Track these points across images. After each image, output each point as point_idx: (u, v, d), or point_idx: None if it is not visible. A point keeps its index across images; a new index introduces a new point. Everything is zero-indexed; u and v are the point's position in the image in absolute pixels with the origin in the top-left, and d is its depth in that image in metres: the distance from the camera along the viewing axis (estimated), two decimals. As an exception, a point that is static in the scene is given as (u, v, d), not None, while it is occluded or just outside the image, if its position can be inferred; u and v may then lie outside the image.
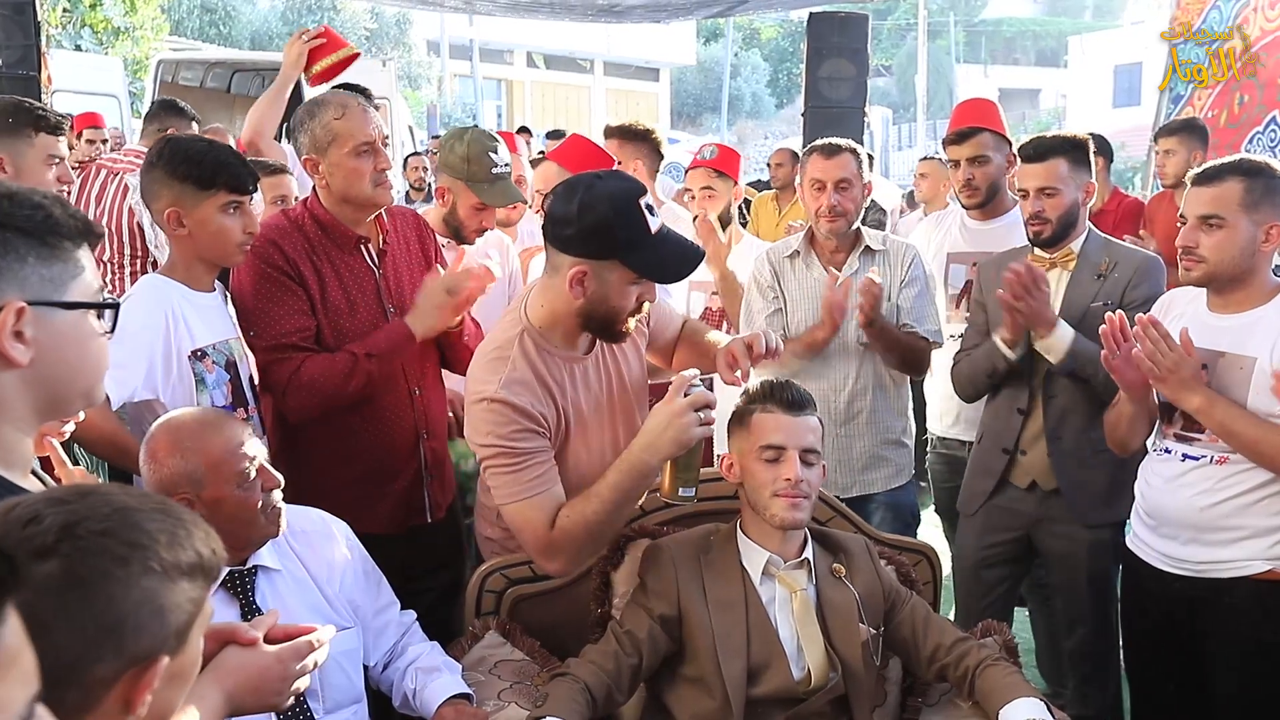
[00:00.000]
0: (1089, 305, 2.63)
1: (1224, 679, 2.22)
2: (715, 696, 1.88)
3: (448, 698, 1.91)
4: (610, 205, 1.87)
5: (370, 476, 2.36)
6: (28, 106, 2.83)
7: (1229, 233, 2.11)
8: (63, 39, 12.73)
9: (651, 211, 1.89)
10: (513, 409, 1.90)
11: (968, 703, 1.97)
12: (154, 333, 2.09)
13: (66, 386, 1.13)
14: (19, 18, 6.14)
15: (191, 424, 1.77)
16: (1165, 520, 2.25)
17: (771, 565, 1.96)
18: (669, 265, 1.95)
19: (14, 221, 1.07)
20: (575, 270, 1.89)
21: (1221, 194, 2.12)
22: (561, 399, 2.00)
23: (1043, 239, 2.70)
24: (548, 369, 1.98)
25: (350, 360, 2.26)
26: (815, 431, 1.98)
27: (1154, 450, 2.31)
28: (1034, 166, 2.69)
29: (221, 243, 2.18)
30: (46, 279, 1.09)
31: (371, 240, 2.40)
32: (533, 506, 1.91)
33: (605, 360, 2.10)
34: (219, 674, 1.27)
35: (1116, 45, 26.45)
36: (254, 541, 1.81)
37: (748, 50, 35.56)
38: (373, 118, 2.34)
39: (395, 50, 23.28)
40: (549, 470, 1.94)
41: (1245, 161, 2.17)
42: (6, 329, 1.05)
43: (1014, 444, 2.74)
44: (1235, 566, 2.16)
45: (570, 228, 1.89)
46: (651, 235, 1.89)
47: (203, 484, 1.72)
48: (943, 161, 5.74)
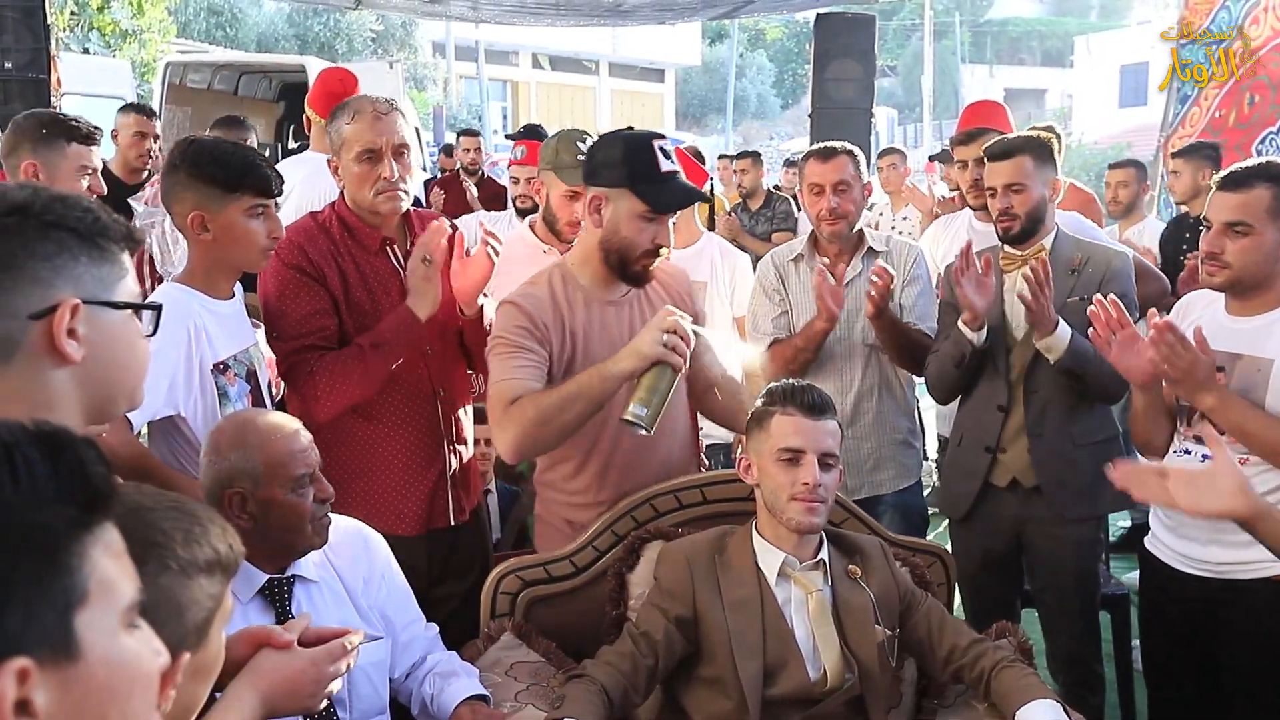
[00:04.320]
0: (1065, 301, 2.63)
1: (1242, 679, 2.22)
2: (731, 697, 1.89)
3: (464, 699, 1.91)
4: (625, 141, 2.15)
5: (394, 479, 2.36)
6: (61, 118, 2.85)
7: (1255, 240, 2.10)
8: (71, 42, 12.77)
9: (667, 155, 2.10)
10: (519, 310, 2.13)
11: (984, 704, 1.97)
12: (175, 349, 2.04)
13: (114, 386, 1.15)
14: (28, 21, 6.17)
15: (260, 423, 1.81)
16: (1185, 521, 2.24)
17: (787, 566, 1.96)
18: (672, 198, 2.13)
19: (67, 223, 1.09)
20: (593, 197, 2.15)
21: (1249, 201, 2.11)
22: (571, 322, 2.17)
23: (1011, 235, 2.70)
24: (566, 297, 2.18)
25: (358, 353, 2.25)
26: (834, 436, 1.98)
27: (1174, 452, 2.30)
28: (1000, 164, 2.70)
29: (246, 247, 2.12)
30: (98, 279, 1.11)
31: (398, 242, 2.39)
32: (506, 387, 2.08)
33: (632, 312, 2.23)
34: (254, 677, 1.28)
35: (1123, 45, 26.39)
36: (298, 550, 1.81)
37: (753, 51, 35.56)
38: (384, 125, 2.28)
39: (401, 52, 23.31)
40: (533, 368, 2.10)
41: (1274, 166, 2.16)
42: (63, 325, 1.06)
43: (995, 442, 2.72)
44: (1255, 568, 2.14)
45: (593, 160, 2.18)
46: (660, 172, 2.10)
47: (259, 482, 1.73)
48: (948, 161, 5.80)
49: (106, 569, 0.72)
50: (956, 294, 2.62)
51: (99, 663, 0.70)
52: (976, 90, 33.32)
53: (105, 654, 0.71)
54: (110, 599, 0.72)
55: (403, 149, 2.31)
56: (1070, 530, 2.69)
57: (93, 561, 0.71)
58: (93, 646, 0.70)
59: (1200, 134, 5.14)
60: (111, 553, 0.73)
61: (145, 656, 0.75)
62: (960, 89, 31.44)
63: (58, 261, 1.08)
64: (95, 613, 0.71)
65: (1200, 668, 2.29)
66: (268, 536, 1.76)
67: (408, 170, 2.33)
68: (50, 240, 1.07)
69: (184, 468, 2.10)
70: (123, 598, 0.74)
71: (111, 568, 0.73)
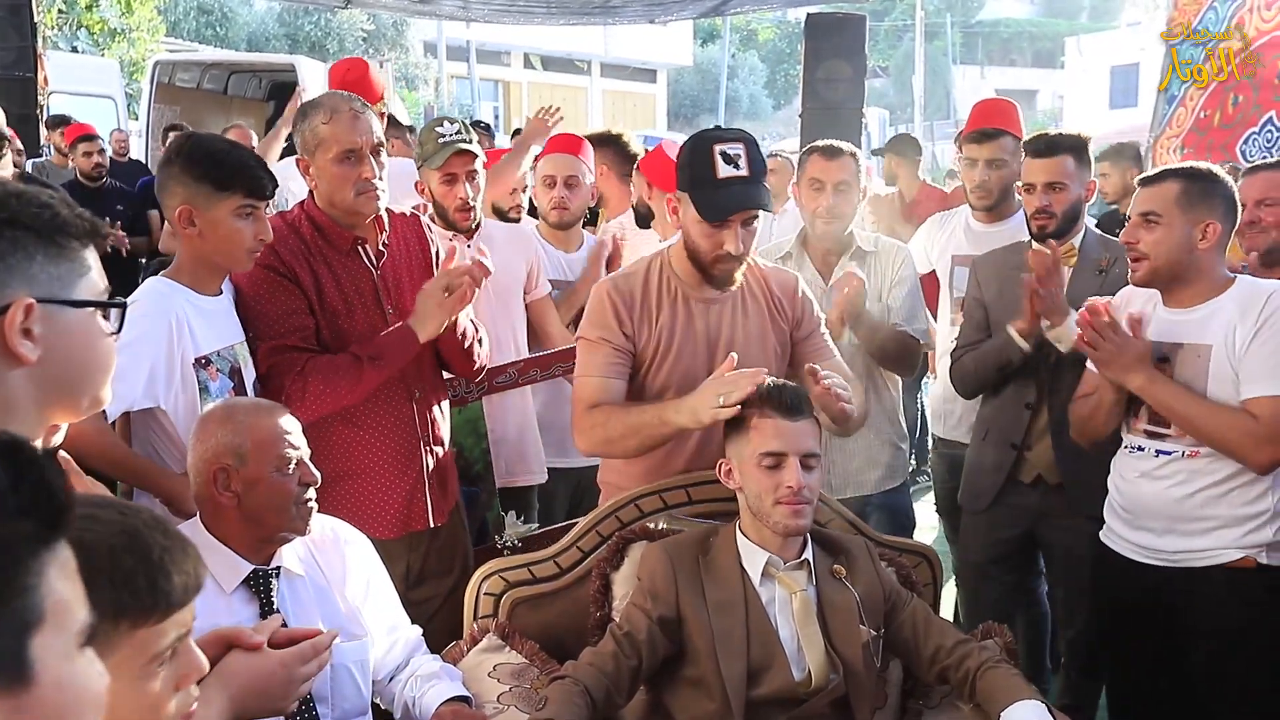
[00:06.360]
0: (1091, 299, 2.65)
1: (1200, 665, 2.25)
2: (715, 698, 1.88)
3: (446, 700, 1.90)
4: (691, 143, 2.16)
5: (373, 482, 2.35)
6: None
7: (1165, 229, 2.20)
8: (59, 40, 12.72)
9: (729, 160, 2.06)
10: (609, 300, 2.19)
11: (969, 705, 1.97)
12: (156, 341, 2.04)
13: (74, 386, 1.13)
14: (15, 19, 6.13)
15: (248, 404, 1.89)
16: (1141, 512, 2.30)
17: (771, 566, 1.96)
18: (724, 205, 2.08)
19: (22, 219, 1.06)
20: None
21: (1159, 192, 2.23)
22: (661, 317, 2.20)
23: (1047, 233, 2.73)
24: (660, 290, 2.21)
25: (354, 362, 2.24)
26: (814, 435, 1.96)
27: (1126, 448, 2.35)
28: (1043, 161, 2.73)
29: (231, 247, 2.12)
30: (54, 277, 1.08)
31: (370, 242, 2.38)
32: (588, 387, 2.17)
33: (726, 311, 2.23)
34: (224, 678, 1.27)
35: (1113, 46, 26.47)
36: (281, 534, 1.81)
37: (745, 51, 35.56)
38: (363, 124, 2.27)
39: (392, 52, 23.24)
40: (616, 366, 2.17)
41: (1188, 167, 2.29)
42: (15, 326, 1.04)
43: (1022, 439, 2.77)
44: (1209, 555, 2.20)
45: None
46: (717, 178, 2.06)
47: (245, 459, 1.75)
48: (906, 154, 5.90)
49: (62, 590, 0.70)
50: (1022, 306, 2.61)
51: (52, 686, 0.68)
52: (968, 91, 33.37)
53: (58, 678, 0.68)
54: (65, 621, 0.70)
55: (380, 147, 2.32)
56: (1089, 526, 2.72)
57: (49, 581, 0.69)
58: (47, 670, 0.68)
59: (1186, 135, 5.15)
60: (66, 572, 0.71)
61: (95, 679, 0.73)
62: (952, 90, 31.51)
63: (11, 260, 1.05)
64: (50, 635, 0.68)
65: (1160, 657, 2.32)
66: (251, 516, 1.77)
67: (382, 168, 2.32)
68: (3, 239, 1.05)
69: (164, 461, 2.10)
70: (76, 620, 0.71)
71: (66, 589, 0.70)
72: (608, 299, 2.19)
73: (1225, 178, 2.26)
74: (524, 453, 3.02)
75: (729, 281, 2.19)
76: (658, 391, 2.20)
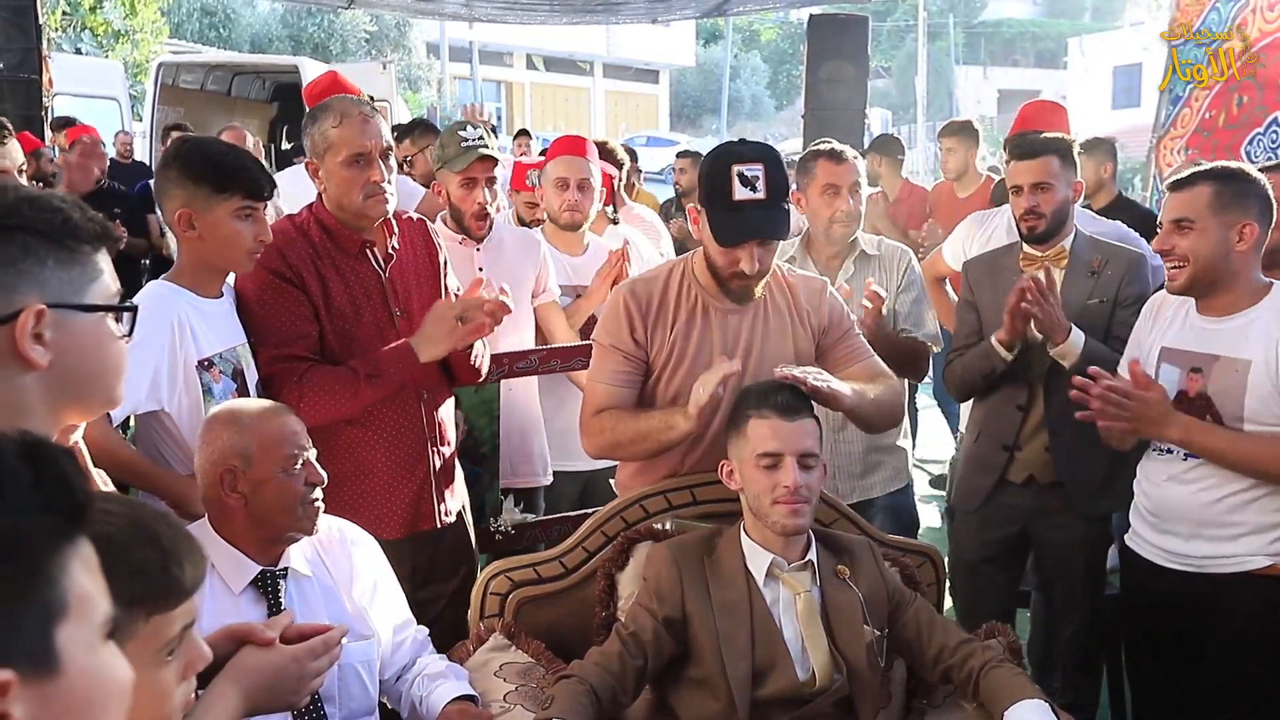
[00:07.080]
0: (1085, 303, 2.67)
1: (1223, 672, 2.24)
2: (720, 698, 1.89)
3: (452, 699, 1.91)
4: (711, 158, 2.14)
5: (380, 483, 2.35)
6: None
7: (1201, 234, 2.16)
8: (63, 42, 12.75)
9: (746, 183, 2.04)
10: (625, 305, 2.19)
11: (972, 704, 1.97)
12: (159, 343, 2.04)
13: (87, 389, 1.14)
14: (20, 21, 6.14)
15: (254, 406, 1.88)
16: (1168, 516, 2.27)
17: (775, 567, 1.96)
18: (737, 231, 2.07)
19: (34, 225, 1.07)
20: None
21: (1192, 197, 2.19)
22: (678, 324, 2.19)
23: (1037, 234, 2.73)
24: (679, 291, 2.21)
25: (352, 378, 2.23)
26: (812, 435, 1.97)
27: (1154, 449, 2.33)
28: (1028, 163, 2.73)
29: (231, 249, 2.12)
30: (66, 282, 1.09)
31: (378, 245, 2.38)
32: (598, 393, 2.19)
33: (745, 320, 2.21)
34: (236, 673, 1.28)
35: (1116, 46, 26.46)
36: (289, 534, 1.82)
37: (747, 52, 35.59)
38: (372, 128, 2.28)
39: (395, 53, 23.27)
40: (626, 373, 2.18)
41: (1217, 168, 2.24)
42: (27, 331, 1.05)
43: (1013, 440, 2.77)
44: (1236, 561, 2.19)
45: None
46: (733, 200, 2.04)
47: (251, 460, 1.75)
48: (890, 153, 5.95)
49: (85, 583, 0.71)
50: (1003, 319, 2.60)
51: (79, 676, 0.69)
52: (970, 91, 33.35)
53: (84, 667, 0.70)
54: (88, 613, 0.71)
55: (388, 150, 2.32)
56: (1082, 525, 2.77)
57: (72, 574, 0.70)
58: (72, 660, 0.69)
59: (1191, 135, 5.16)
60: (88, 566, 0.73)
61: (120, 670, 0.74)
62: (954, 90, 31.52)
63: (22, 266, 1.06)
64: (75, 626, 0.70)
65: (1182, 660, 2.31)
66: (258, 517, 1.77)
67: (391, 171, 2.33)
68: (14, 244, 1.06)
69: (168, 464, 2.11)
70: (99, 612, 0.73)
71: (89, 582, 0.72)
72: (623, 305, 2.19)
73: (1258, 176, 2.21)
74: (529, 455, 3.03)
75: (747, 297, 2.18)
76: (670, 398, 2.19)
